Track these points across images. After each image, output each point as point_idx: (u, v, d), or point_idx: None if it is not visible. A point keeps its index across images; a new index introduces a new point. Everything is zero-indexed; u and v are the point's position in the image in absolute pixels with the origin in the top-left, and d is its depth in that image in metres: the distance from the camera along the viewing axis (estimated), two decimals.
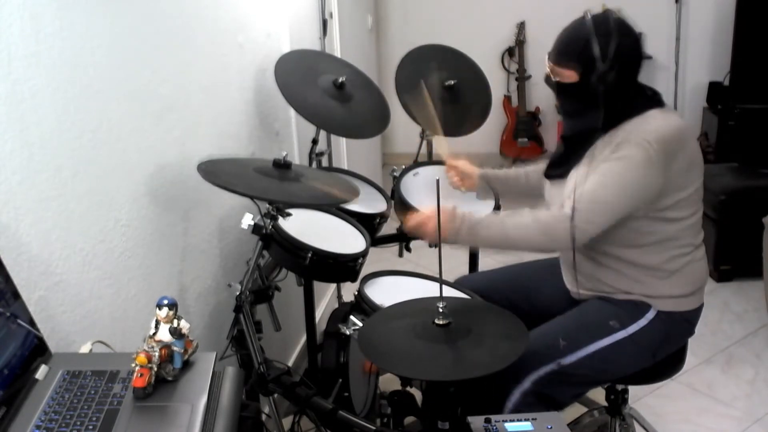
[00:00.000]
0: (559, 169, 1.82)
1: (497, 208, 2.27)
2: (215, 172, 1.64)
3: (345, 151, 3.51)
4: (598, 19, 1.62)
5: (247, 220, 1.74)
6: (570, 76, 1.66)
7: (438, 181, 1.44)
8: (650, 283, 1.74)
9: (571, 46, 1.65)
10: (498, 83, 5.24)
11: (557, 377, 1.73)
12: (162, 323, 1.15)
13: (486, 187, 2.11)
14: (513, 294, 1.99)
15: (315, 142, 2.41)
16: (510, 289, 2.01)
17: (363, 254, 1.86)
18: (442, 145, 2.17)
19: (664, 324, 1.74)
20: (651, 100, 1.70)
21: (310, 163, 2.43)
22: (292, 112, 2.60)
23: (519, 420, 1.39)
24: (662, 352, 1.79)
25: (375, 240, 2.21)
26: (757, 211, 2.95)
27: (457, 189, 2.12)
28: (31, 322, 1.15)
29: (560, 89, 1.70)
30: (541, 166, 2.05)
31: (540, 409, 1.74)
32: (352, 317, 1.78)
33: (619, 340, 1.73)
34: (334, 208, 2.09)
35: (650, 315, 1.74)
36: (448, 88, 2.34)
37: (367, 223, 2.11)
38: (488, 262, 2.49)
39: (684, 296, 1.75)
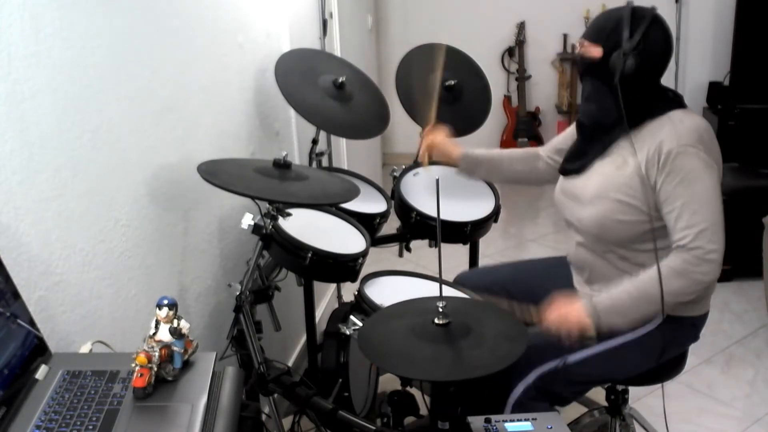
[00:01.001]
0: (576, 162, 1.82)
1: (497, 208, 2.26)
2: (215, 172, 1.64)
3: (345, 151, 3.51)
4: (638, 8, 1.67)
5: (247, 220, 1.74)
6: (595, 51, 1.70)
7: (438, 181, 1.44)
8: None
9: (604, 23, 1.71)
10: (498, 83, 5.25)
11: (561, 374, 1.73)
12: (162, 323, 1.15)
13: (468, 167, 2.14)
14: (515, 290, 1.98)
15: (315, 142, 2.41)
16: (512, 286, 2.01)
17: (363, 254, 1.86)
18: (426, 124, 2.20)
19: (671, 327, 1.74)
20: (673, 101, 1.72)
21: (310, 163, 2.43)
22: (292, 112, 2.60)
23: (519, 420, 1.40)
24: (666, 355, 1.79)
25: (375, 240, 2.21)
26: (757, 211, 2.95)
27: (422, 162, 2.17)
28: (31, 322, 1.15)
29: (584, 65, 1.75)
30: (528, 151, 2.08)
31: (541, 404, 1.75)
32: (352, 317, 1.78)
33: (626, 342, 1.72)
34: (334, 207, 2.09)
35: (658, 318, 1.72)
36: (448, 88, 2.34)
37: (367, 223, 2.11)
38: (489, 260, 2.49)
39: (693, 301, 1.74)
